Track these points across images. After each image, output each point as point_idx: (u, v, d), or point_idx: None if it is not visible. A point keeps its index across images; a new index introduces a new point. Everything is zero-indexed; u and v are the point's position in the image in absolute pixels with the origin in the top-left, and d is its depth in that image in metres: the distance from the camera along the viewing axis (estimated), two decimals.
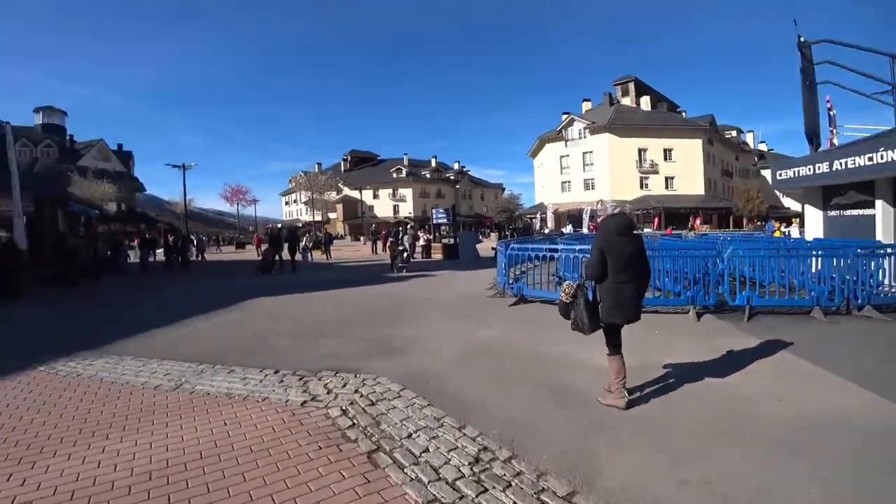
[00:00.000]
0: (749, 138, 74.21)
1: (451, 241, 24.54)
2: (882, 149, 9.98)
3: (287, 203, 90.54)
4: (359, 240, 52.54)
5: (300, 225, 63.55)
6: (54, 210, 19.30)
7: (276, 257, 18.08)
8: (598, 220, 4.20)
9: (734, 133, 68.54)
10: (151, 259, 22.92)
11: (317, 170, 73.24)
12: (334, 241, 36.69)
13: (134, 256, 25.18)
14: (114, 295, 12.78)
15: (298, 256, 19.56)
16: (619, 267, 3.76)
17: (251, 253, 31.69)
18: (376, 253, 28.33)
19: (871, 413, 3.77)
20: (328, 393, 4.47)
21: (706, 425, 3.62)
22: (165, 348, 6.33)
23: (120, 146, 58.97)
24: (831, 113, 20.62)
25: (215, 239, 48.94)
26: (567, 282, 4.09)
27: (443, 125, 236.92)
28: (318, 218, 64.68)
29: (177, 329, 7.67)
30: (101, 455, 3.26)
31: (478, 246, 25.68)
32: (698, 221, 43.80)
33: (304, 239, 21.48)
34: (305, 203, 67.90)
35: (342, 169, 79.96)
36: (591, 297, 3.98)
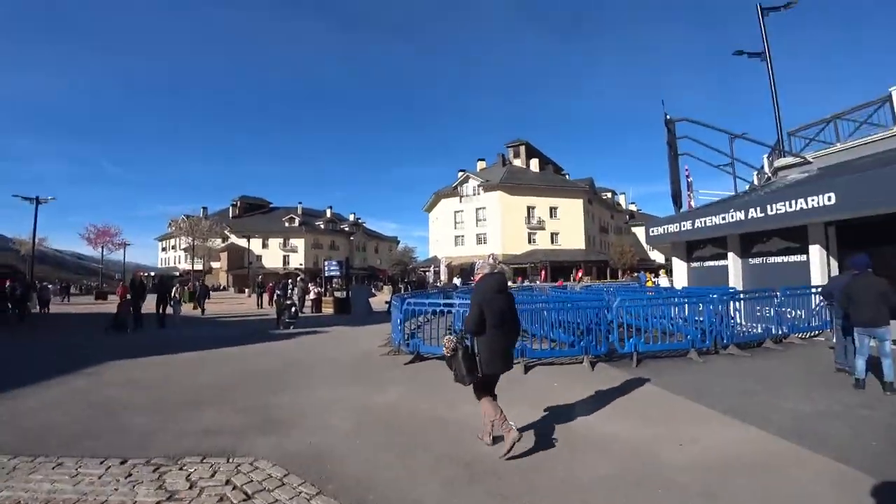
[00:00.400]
0: (622, 199, 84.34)
1: (344, 294, 23.54)
2: (732, 210, 12.16)
3: (164, 249, 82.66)
4: (243, 292, 48.76)
5: (177, 274, 57.86)
6: None
7: (135, 310, 15.58)
8: (476, 278, 4.44)
9: (609, 194, 77.17)
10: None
11: (202, 214, 68.09)
12: (211, 294, 33.55)
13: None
14: None
15: (169, 310, 17.27)
16: (495, 322, 4.04)
17: (114, 305, 27.76)
18: (262, 307, 26.23)
19: (757, 446, 4.22)
20: (191, 488, 3.54)
21: (620, 478, 3.61)
22: None
23: None
24: (689, 179, 24.17)
25: (64, 287, 42.15)
26: (448, 336, 4.27)
27: (340, 176, 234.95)
28: (200, 267, 59.40)
29: (4, 400, 6.05)
30: None
31: (371, 299, 24.87)
32: (580, 273, 47.82)
33: (175, 290, 18.90)
34: (185, 250, 62.33)
35: (230, 215, 75.12)
36: (469, 350, 4.13)
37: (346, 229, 76.78)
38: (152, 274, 55.04)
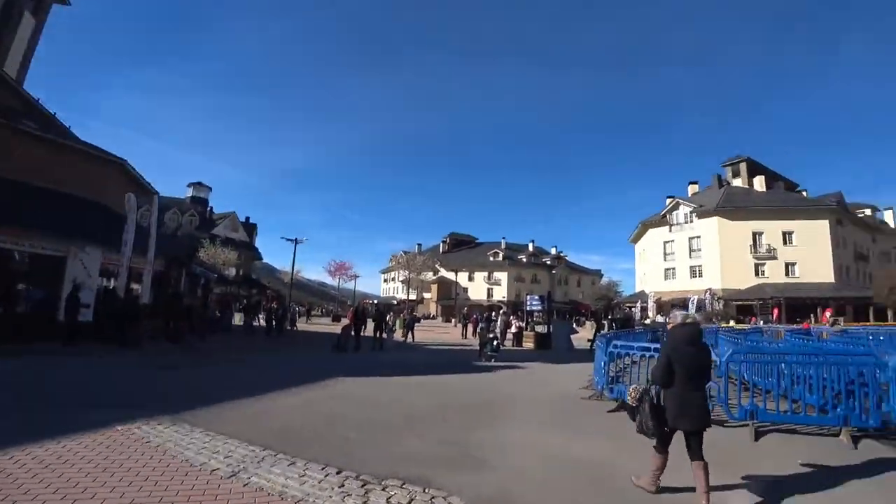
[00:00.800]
0: (888, 216, 64.17)
1: (545, 329, 23.32)
2: None
3: (385, 280, 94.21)
4: (450, 321, 52.38)
5: (394, 302, 65.19)
6: (180, 270, 21.31)
7: (355, 334, 17.69)
8: (668, 326, 4.35)
9: (868, 211, 60.51)
10: (256, 323, 24.41)
11: (416, 250, 76.05)
12: (422, 321, 36.58)
13: (239, 319, 26.89)
14: (210, 355, 13.35)
15: (385, 335, 19.47)
16: (684, 376, 3.91)
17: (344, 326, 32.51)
18: (466, 337, 27.69)
19: None
20: None
21: None
22: (236, 424, 6.12)
23: (247, 218, 66.06)
24: None
25: (306, 310, 51.00)
26: (633, 385, 4.23)
27: (541, 209, 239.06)
28: (414, 297, 65.96)
29: (251, 404, 7.50)
30: None
31: (573, 336, 24.10)
32: (828, 314, 36.37)
33: (389, 318, 21.36)
34: (402, 282, 70.12)
35: (440, 250, 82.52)
36: (656, 402, 4.07)
37: (548, 263, 76.82)
38: (374, 302, 63.11)
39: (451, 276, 68.51)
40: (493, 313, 28.34)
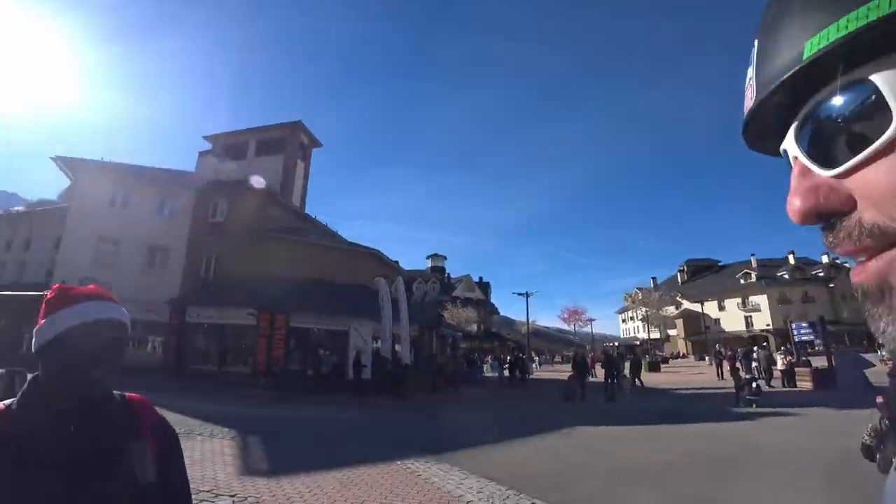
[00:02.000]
0: None
1: (825, 363, 19.17)
2: None
3: (624, 321, 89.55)
4: (703, 359, 46.59)
5: (637, 343, 61.29)
6: (431, 334, 24.57)
7: (579, 382, 16.78)
8: None
9: None
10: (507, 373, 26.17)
11: (651, 285, 70.91)
12: (669, 361, 33.56)
13: (486, 370, 29.10)
14: (463, 404, 14.99)
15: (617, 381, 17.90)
16: None
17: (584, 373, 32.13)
18: (722, 377, 24.41)
19: None
20: None
21: None
22: (486, 466, 6.91)
23: (481, 278, 71.89)
24: None
25: (547, 357, 51.62)
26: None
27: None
28: (656, 335, 61.11)
29: (499, 449, 8.30)
30: None
31: (867, 370, 19.14)
32: None
33: (623, 363, 19.96)
34: (642, 320, 65.80)
35: (679, 281, 75.06)
36: None
37: (821, 275, 62.33)
38: (616, 344, 60.31)
39: (696, 307, 61.38)
40: (755, 348, 24.29)
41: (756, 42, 0.35)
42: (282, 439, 8.62)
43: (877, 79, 0.29)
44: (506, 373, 24.46)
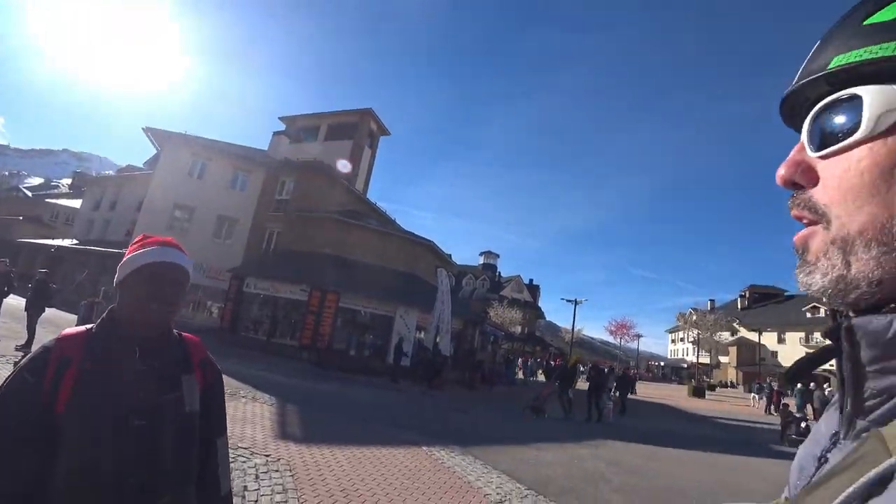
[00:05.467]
0: None
1: None
2: None
3: (673, 341, 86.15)
4: (755, 392, 44.19)
5: (684, 366, 58.89)
6: (474, 330, 24.81)
7: (567, 398, 14.23)
8: None
9: None
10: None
11: (709, 307, 67.76)
12: (717, 389, 32.27)
13: (521, 373, 29.10)
14: (495, 403, 15.17)
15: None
16: None
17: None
18: (771, 413, 23.26)
19: None
20: None
21: None
22: (508, 464, 7.09)
23: (531, 280, 71.05)
24: None
25: (585, 370, 50.36)
26: None
27: None
28: (706, 360, 58.47)
29: (523, 450, 8.39)
30: None
31: None
32: None
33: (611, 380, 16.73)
34: (693, 343, 63.16)
35: (738, 306, 71.32)
36: None
37: None
38: (661, 364, 58.22)
39: (752, 336, 58.14)
40: (812, 384, 23.08)
41: (817, 44, 0.46)
42: (318, 410, 9.09)
43: (864, 98, 0.39)
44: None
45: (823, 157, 0.42)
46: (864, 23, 0.40)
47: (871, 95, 0.38)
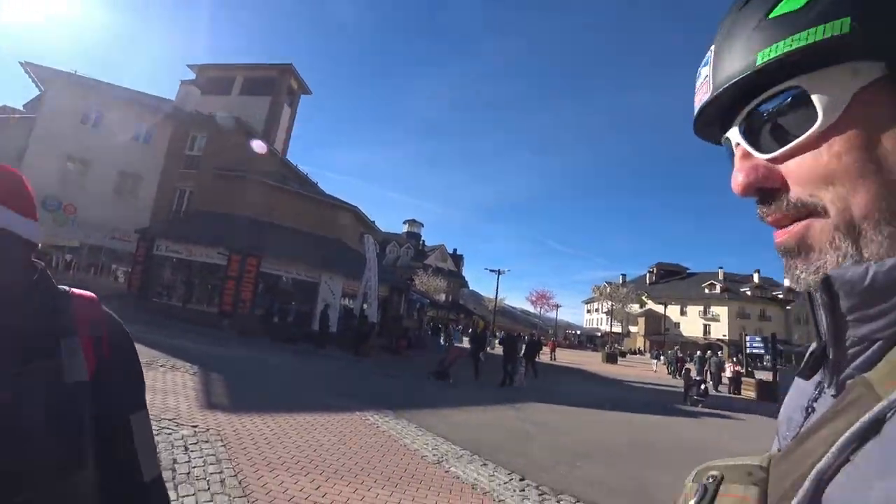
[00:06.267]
0: None
1: (770, 377, 20.00)
2: None
3: (589, 311, 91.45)
4: (659, 358, 48.14)
5: (598, 335, 62.81)
6: (399, 297, 24.55)
7: (476, 362, 14.83)
8: None
9: None
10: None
11: (621, 281, 72.41)
12: (627, 356, 34.59)
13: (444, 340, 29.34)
14: (422, 369, 15.06)
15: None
16: None
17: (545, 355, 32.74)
18: (675, 377, 25.31)
19: None
20: None
21: None
22: (441, 426, 7.11)
23: (454, 250, 71.89)
24: None
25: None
26: None
27: (768, 233, 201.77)
28: (618, 329, 62.66)
29: (454, 413, 8.51)
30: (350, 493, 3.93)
31: None
32: None
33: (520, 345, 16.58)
34: (606, 313, 67.35)
35: (647, 281, 76.81)
36: None
37: (781, 297, 64.80)
38: (578, 333, 61.74)
39: (659, 308, 63.12)
40: (709, 352, 25.22)
41: (713, 48, 0.43)
42: (243, 378, 8.68)
43: (808, 87, 0.37)
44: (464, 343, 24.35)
45: (783, 158, 0.39)
46: (771, 16, 0.38)
47: (816, 81, 0.37)
